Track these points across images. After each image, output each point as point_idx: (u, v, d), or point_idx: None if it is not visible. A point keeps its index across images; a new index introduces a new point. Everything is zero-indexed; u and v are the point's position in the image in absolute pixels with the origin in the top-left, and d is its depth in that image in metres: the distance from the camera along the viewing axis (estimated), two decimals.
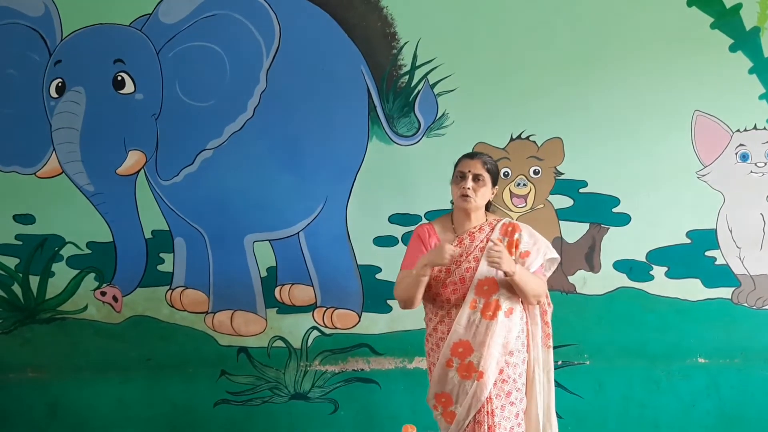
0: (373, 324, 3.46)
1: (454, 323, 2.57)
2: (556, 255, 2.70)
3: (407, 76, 3.42)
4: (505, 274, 2.51)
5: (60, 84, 3.46)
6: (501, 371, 2.58)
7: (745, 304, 3.42)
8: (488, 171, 2.63)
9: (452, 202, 2.71)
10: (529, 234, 2.67)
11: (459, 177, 2.64)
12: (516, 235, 2.63)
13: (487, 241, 2.60)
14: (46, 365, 3.57)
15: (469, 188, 2.59)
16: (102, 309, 3.54)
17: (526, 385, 2.66)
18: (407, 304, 2.63)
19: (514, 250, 2.61)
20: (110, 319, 3.54)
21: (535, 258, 2.63)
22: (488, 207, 2.72)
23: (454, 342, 2.57)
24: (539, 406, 2.67)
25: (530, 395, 2.67)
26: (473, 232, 2.64)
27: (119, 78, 3.46)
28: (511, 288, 2.58)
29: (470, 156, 2.68)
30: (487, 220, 2.69)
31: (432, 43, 3.40)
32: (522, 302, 2.63)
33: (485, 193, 2.63)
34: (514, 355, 2.60)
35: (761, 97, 3.36)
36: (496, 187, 2.67)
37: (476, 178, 2.61)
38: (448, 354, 2.58)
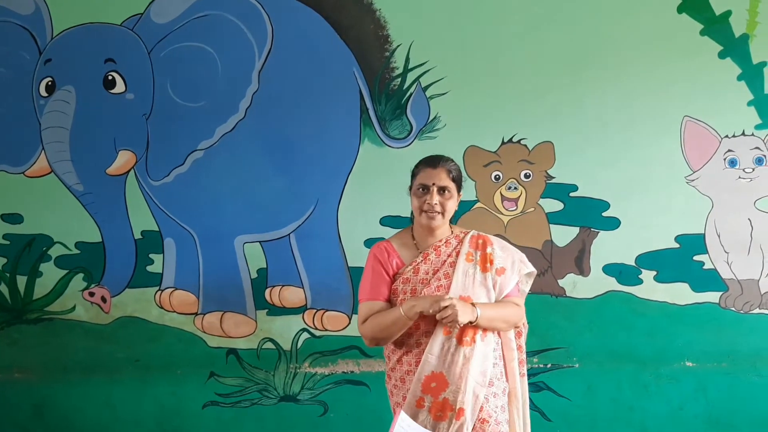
0: None
1: (425, 353, 2.22)
2: (531, 268, 2.42)
3: (399, 79, 3.43)
4: (470, 323, 2.20)
5: (50, 83, 3.44)
6: (481, 409, 2.26)
7: (733, 309, 3.45)
8: (454, 180, 2.31)
9: (412, 215, 2.38)
10: (501, 247, 2.38)
11: (420, 190, 2.29)
12: (488, 249, 2.33)
13: (457, 255, 2.30)
14: (33, 366, 3.54)
15: (435, 204, 2.27)
16: (90, 310, 3.52)
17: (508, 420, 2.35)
18: (381, 342, 2.31)
19: (488, 265, 2.31)
20: (98, 319, 3.52)
21: (511, 275, 2.34)
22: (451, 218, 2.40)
23: (425, 375, 2.22)
24: None
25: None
26: (438, 246, 2.33)
27: (110, 77, 3.44)
28: None
29: (432, 164, 2.32)
30: (452, 232, 2.38)
31: (424, 46, 3.40)
32: None
33: (452, 206, 2.31)
34: (494, 384, 2.29)
35: (749, 103, 3.40)
36: (461, 192, 2.37)
37: (442, 190, 2.28)
38: (418, 392, 2.23)
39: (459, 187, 2.36)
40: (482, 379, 2.26)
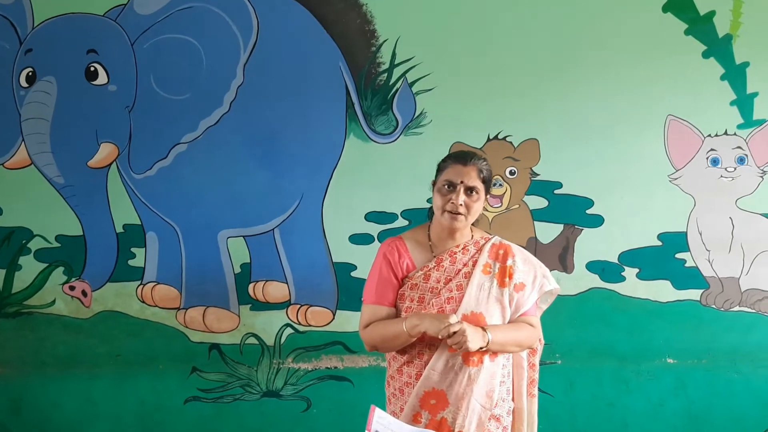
0: (348, 322, 3.45)
1: (428, 368, 2.08)
2: (554, 285, 2.23)
3: (385, 74, 3.41)
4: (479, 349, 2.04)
5: (30, 73, 3.39)
6: (483, 429, 2.13)
7: (713, 306, 3.48)
8: (483, 181, 2.11)
9: (430, 212, 2.20)
10: (524, 260, 2.18)
11: (446, 187, 2.10)
12: (509, 261, 2.14)
13: (474, 265, 2.11)
14: (11, 361, 3.49)
15: (461, 204, 2.07)
16: (70, 304, 3.48)
17: None
18: (381, 351, 2.18)
19: (507, 279, 2.13)
20: (79, 314, 3.47)
21: (531, 292, 2.17)
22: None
23: (425, 391, 2.08)
24: None
25: None
26: (455, 252, 2.14)
27: (92, 68, 3.39)
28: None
29: (463, 161, 2.11)
30: (473, 237, 2.18)
31: (411, 41, 3.39)
32: None
33: (478, 208, 2.11)
34: (498, 406, 2.15)
35: (732, 103, 3.43)
36: (489, 195, 2.18)
37: (469, 190, 2.08)
38: (416, 406, 2.09)
39: (488, 189, 2.16)
40: (487, 401, 2.11)
